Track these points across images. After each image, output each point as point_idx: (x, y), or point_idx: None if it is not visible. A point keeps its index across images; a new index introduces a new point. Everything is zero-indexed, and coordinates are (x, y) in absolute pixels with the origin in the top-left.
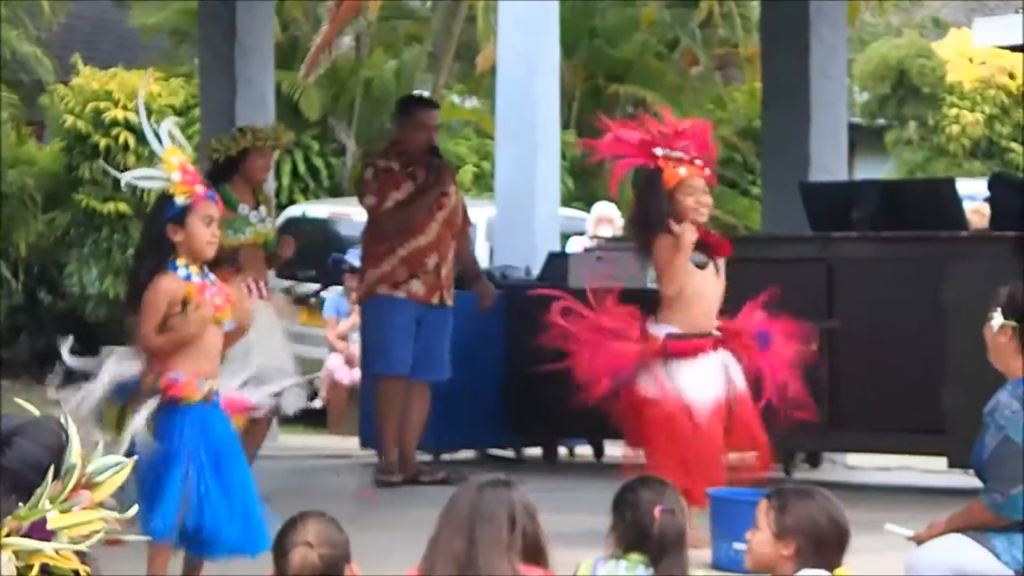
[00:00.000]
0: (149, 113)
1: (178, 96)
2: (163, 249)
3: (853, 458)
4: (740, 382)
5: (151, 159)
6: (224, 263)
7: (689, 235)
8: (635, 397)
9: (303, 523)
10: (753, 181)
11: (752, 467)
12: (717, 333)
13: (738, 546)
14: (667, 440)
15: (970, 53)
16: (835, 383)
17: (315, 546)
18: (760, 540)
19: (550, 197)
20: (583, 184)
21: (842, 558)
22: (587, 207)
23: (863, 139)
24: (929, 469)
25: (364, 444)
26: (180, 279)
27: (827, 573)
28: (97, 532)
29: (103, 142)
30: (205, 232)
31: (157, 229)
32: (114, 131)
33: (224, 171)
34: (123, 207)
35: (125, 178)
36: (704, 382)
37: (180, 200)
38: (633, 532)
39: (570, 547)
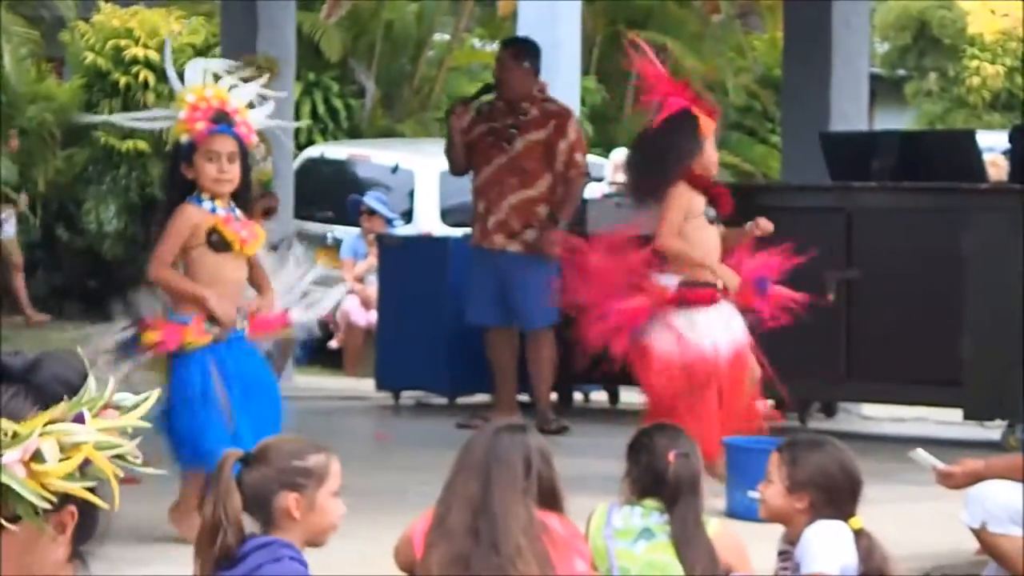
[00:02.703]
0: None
1: (199, 35)
2: (177, 187)
3: (868, 408)
4: (743, 334)
5: (171, 97)
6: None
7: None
8: (646, 349)
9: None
10: (772, 130)
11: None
12: (721, 283)
13: (752, 494)
14: (679, 392)
15: (992, 4)
16: (852, 333)
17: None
18: (773, 493)
19: None
20: (602, 130)
21: (856, 508)
22: (606, 153)
23: (883, 90)
24: (944, 420)
25: (380, 386)
26: (204, 211)
27: (843, 523)
28: (121, 451)
29: (123, 80)
30: (210, 169)
31: (171, 168)
32: (134, 69)
33: None
34: (142, 145)
35: (120, 120)
36: (722, 329)
37: (183, 138)
38: (648, 477)
39: (584, 493)
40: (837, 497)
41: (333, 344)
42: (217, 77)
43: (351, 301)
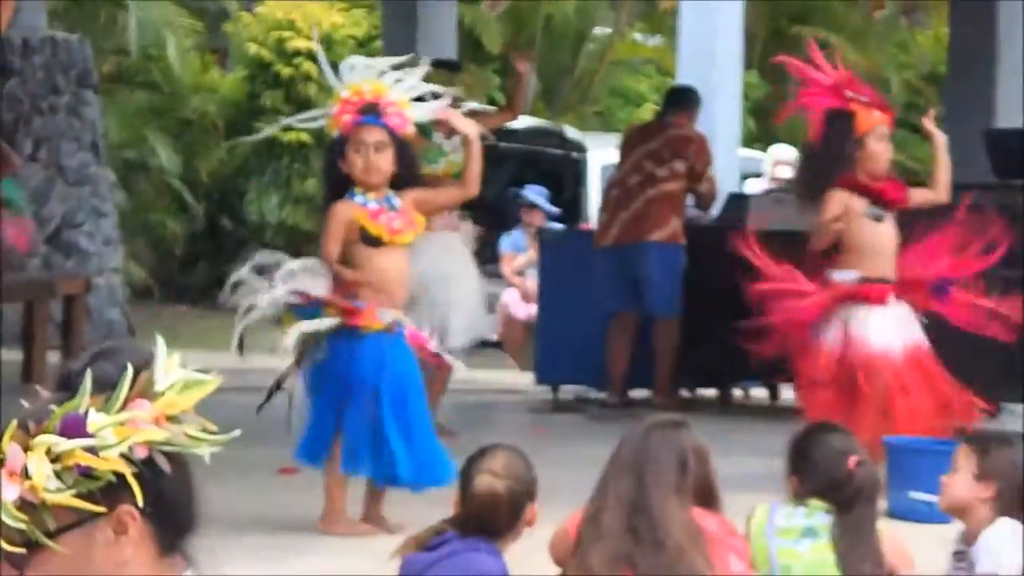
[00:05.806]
0: (331, 44)
1: (361, 27)
2: (332, 182)
3: None
4: (919, 335)
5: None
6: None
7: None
8: (812, 344)
9: (492, 453)
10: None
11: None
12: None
13: (914, 495)
14: (838, 389)
15: None
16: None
17: (500, 476)
18: (958, 482)
19: (730, 137)
20: (764, 125)
21: None
22: (768, 148)
23: None
24: None
25: (539, 380)
26: (355, 205)
27: (1021, 524)
28: (152, 442)
29: (285, 71)
30: (357, 160)
31: (327, 163)
32: (296, 60)
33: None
34: (304, 136)
35: (291, 122)
36: (891, 330)
37: (334, 133)
38: (823, 480)
39: (743, 491)
40: (1021, 494)
41: (493, 337)
42: (381, 73)
43: (511, 294)
